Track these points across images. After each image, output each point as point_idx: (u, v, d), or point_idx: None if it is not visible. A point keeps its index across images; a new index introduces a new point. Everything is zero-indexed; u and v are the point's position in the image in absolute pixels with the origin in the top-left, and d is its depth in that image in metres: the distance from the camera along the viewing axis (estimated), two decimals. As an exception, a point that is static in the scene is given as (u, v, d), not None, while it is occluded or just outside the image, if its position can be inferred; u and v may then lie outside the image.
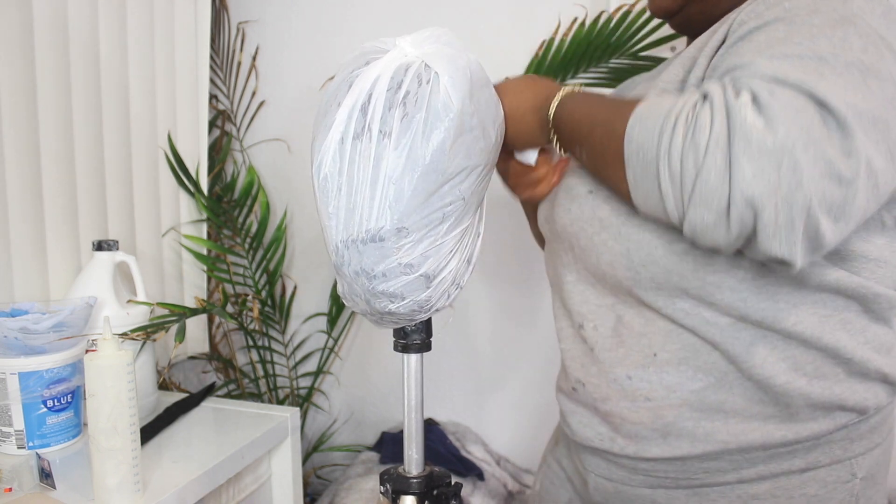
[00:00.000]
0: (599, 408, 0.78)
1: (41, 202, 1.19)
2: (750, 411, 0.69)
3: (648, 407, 0.73)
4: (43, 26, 1.17)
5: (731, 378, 0.69)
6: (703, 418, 0.70)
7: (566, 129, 0.71)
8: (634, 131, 0.59)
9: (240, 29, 1.72)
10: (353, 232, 0.64)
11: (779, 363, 0.67)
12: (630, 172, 0.60)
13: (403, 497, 0.73)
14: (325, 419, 1.85)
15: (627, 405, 0.74)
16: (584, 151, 0.68)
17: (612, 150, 0.62)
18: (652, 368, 0.72)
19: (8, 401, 0.98)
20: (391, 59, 0.64)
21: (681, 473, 0.74)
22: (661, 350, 0.72)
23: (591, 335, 0.78)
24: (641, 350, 0.73)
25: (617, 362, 0.75)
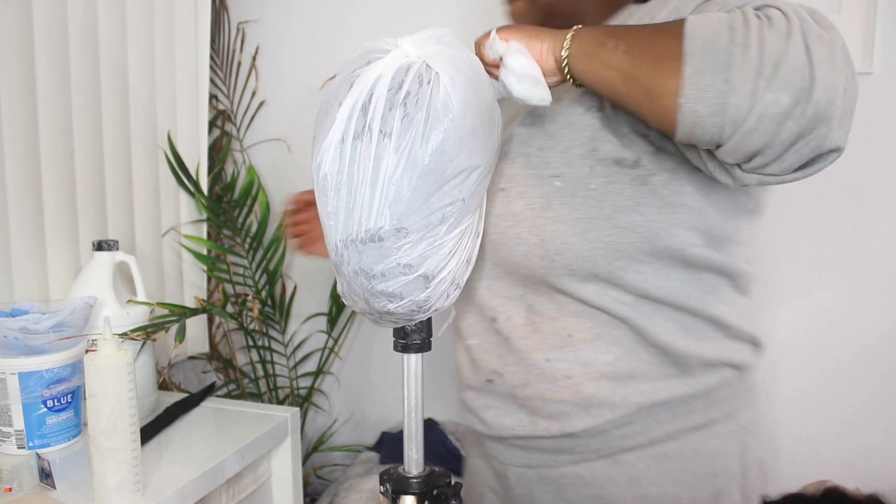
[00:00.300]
0: (518, 394, 0.83)
1: (41, 202, 1.19)
2: (655, 374, 0.79)
3: (568, 385, 0.80)
4: (42, 26, 1.17)
5: (638, 347, 0.79)
6: (618, 386, 0.79)
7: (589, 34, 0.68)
8: (697, 29, 0.60)
9: (240, 29, 1.72)
10: (352, 231, 0.64)
11: (675, 331, 0.78)
12: (689, 64, 0.59)
13: (403, 497, 0.73)
14: (325, 419, 1.85)
15: (548, 386, 0.81)
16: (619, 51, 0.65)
17: (664, 45, 0.62)
18: (569, 349, 0.79)
19: (8, 401, 0.98)
20: (392, 59, 0.64)
21: (601, 444, 0.81)
22: (576, 330, 0.79)
23: (504, 326, 0.83)
24: (556, 333, 0.80)
25: (534, 348, 0.81)
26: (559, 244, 0.76)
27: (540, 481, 0.86)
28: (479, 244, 0.74)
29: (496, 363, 0.85)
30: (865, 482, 1.40)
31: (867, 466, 1.40)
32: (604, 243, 0.75)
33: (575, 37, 0.69)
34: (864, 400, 1.37)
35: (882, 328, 1.35)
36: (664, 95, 0.62)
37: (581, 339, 0.79)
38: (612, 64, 0.66)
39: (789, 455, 1.43)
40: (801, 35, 0.57)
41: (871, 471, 1.40)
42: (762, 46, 0.57)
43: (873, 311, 1.36)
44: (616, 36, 0.67)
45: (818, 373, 1.39)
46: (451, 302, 0.72)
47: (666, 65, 0.61)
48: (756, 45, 0.57)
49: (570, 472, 0.83)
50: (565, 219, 0.76)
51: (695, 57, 0.59)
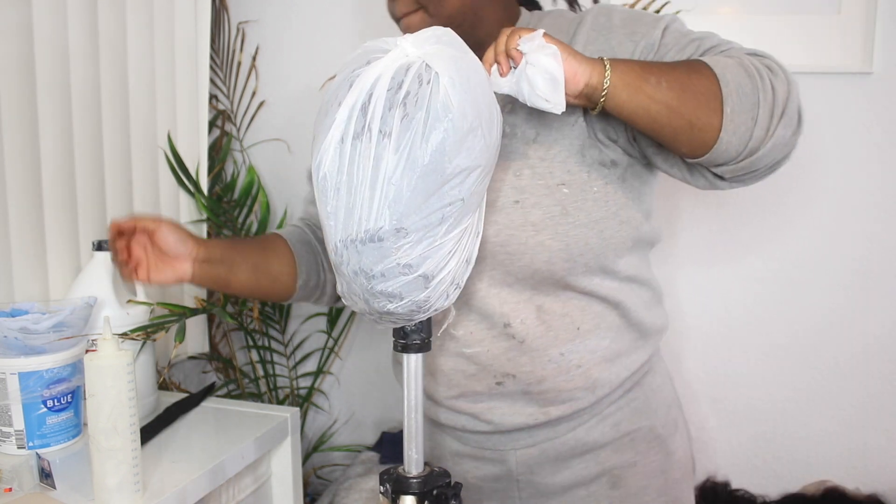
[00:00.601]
0: (532, 390, 0.90)
1: (41, 202, 1.19)
2: (631, 347, 0.93)
3: (580, 372, 0.90)
4: (42, 26, 1.17)
5: (623, 329, 0.92)
6: (612, 365, 0.91)
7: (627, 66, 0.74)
8: (727, 75, 0.73)
9: (240, 29, 1.72)
10: (351, 232, 0.64)
11: (641, 305, 0.93)
12: (728, 106, 0.73)
13: (403, 497, 0.73)
14: (325, 419, 1.85)
15: (563, 377, 0.90)
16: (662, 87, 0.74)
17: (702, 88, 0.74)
18: (578, 340, 0.89)
19: (8, 401, 0.98)
20: (392, 58, 0.64)
21: (594, 409, 0.93)
22: (582, 323, 0.89)
23: (519, 330, 0.89)
24: (566, 328, 0.89)
25: (549, 345, 0.89)
26: (582, 246, 0.85)
27: (540, 454, 0.95)
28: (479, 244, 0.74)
29: (507, 366, 0.90)
30: (865, 482, 1.40)
31: (867, 466, 1.40)
32: (614, 239, 0.87)
33: (614, 68, 0.73)
34: (864, 400, 1.37)
35: (882, 328, 1.36)
36: (707, 130, 0.74)
37: (587, 330, 0.89)
38: (658, 98, 0.73)
39: (789, 455, 1.43)
40: (793, 84, 0.75)
41: (871, 471, 1.40)
42: (775, 92, 0.73)
43: (873, 311, 1.36)
44: (652, 71, 0.74)
45: (818, 373, 1.39)
46: (450, 302, 0.72)
47: (709, 103, 0.73)
48: (771, 90, 0.73)
49: (570, 438, 0.94)
50: (584, 222, 0.84)
51: (732, 99, 0.72)
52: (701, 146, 0.75)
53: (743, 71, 0.73)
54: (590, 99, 0.74)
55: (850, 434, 1.39)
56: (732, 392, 1.44)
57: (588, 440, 0.94)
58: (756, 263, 1.40)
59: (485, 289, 0.88)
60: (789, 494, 1.42)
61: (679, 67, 0.76)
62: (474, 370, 0.91)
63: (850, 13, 1.27)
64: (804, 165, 1.31)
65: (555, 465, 0.95)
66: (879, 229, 1.33)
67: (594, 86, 0.72)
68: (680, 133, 0.75)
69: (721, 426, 1.46)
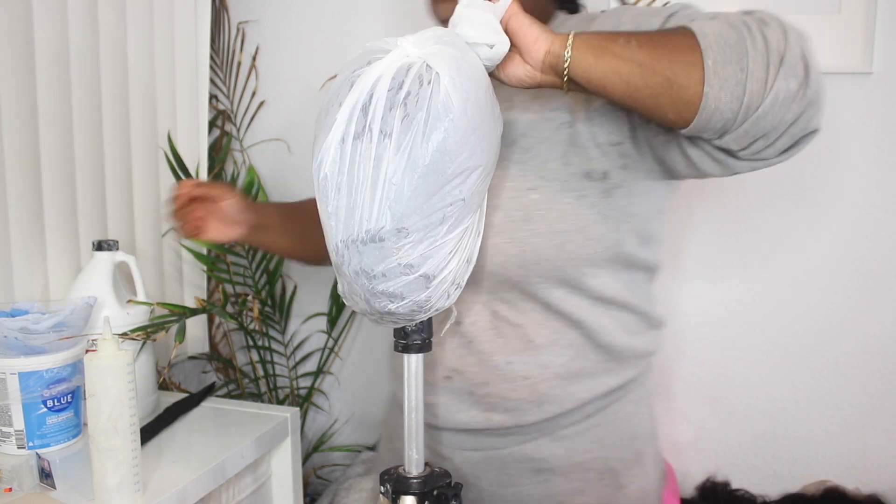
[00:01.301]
0: (477, 392, 0.89)
1: (41, 202, 1.19)
2: (597, 370, 0.89)
3: (526, 384, 0.87)
4: (42, 25, 1.17)
5: (587, 349, 0.88)
6: (567, 384, 0.88)
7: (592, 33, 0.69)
8: (705, 29, 0.66)
9: (240, 29, 1.72)
10: (352, 232, 0.64)
11: (617, 328, 0.88)
12: (710, 57, 0.65)
13: (403, 497, 0.73)
14: (325, 419, 1.85)
15: (507, 386, 0.88)
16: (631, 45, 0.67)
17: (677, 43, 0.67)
18: (528, 353, 0.87)
19: (8, 401, 0.98)
20: (393, 59, 0.64)
21: (546, 426, 0.90)
22: (536, 336, 0.87)
23: (469, 329, 0.88)
24: (518, 339, 0.87)
25: (496, 351, 0.87)
26: (537, 256, 0.82)
27: (485, 461, 0.93)
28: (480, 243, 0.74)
29: (456, 362, 0.90)
30: (865, 482, 1.40)
31: (867, 466, 1.40)
32: (576, 254, 0.83)
33: (578, 35, 0.68)
34: (864, 400, 1.37)
35: (882, 328, 1.36)
36: (688, 86, 0.66)
37: (540, 345, 0.87)
38: (628, 57, 0.67)
39: (789, 455, 1.43)
40: (791, 32, 0.66)
41: (871, 471, 1.40)
42: (767, 40, 0.65)
43: (873, 311, 1.36)
44: (623, 35, 0.69)
45: (818, 373, 1.39)
46: (451, 302, 0.72)
47: (686, 57, 0.66)
48: (762, 39, 0.65)
49: (517, 452, 0.91)
50: (543, 232, 0.82)
51: (713, 49, 0.64)
52: (686, 106, 0.66)
53: (726, 25, 0.66)
54: (555, 70, 0.69)
55: (850, 434, 1.39)
56: (732, 392, 1.44)
57: (536, 457, 0.91)
58: (755, 263, 1.40)
59: None
60: (789, 494, 1.42)
61: (650, 31, 0.70)
62: (429, 360, 0.91)
63: (850, 13, 1.27)
64: (803, 165, 1.31)
65: (500, 477, 0.93)
66: (879, 229, 1.33)
67: (556, 53, 0.68)
68: (660, 94, 0.67)
69: (721, 426, 1.46)
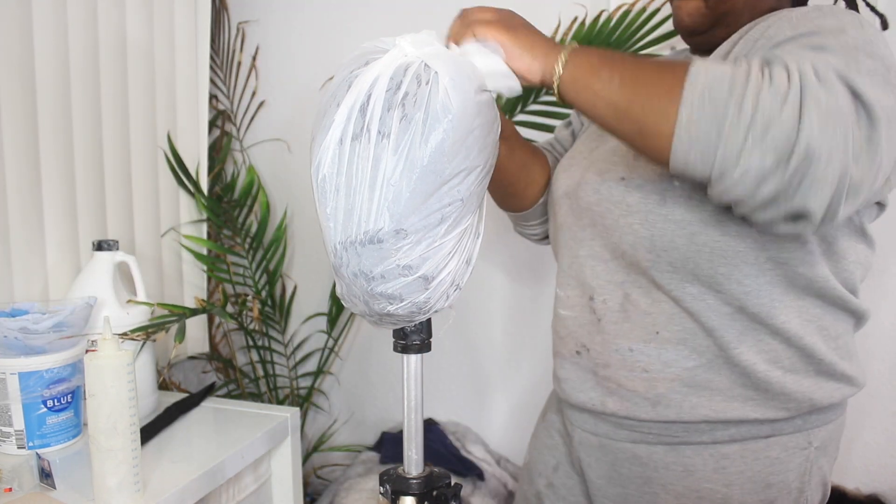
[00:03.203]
0: (599, 372, 0.86)
1: (41, 202, 1.19)
2: (732, 392, 0.79)
3: (644, 378, 0.82)
4: (42, 26, 1.17)
5: (720, 362, 0.79)
6: (692, 393, 0.80)
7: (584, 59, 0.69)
8: (700, 76, 0.61)
9: (240, 29, 1.72)
10: (351, 233, 0.64)
11: (760, 354, 0.78)
12: (685, 111, 0.61)
13: (403, 498, 0.73)
14: (325, 419, 1.85)
15: (625, 373, 0.83)
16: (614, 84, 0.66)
17: (662, 87, 0.63)
18: (653, 344, 0.81)
19: (8, 401, 0.98)
20: (390, 59, 0.64)
21: (663, 431, 0.83)
22: (664, 329, 0.81)
23: (599, 307, 0.85)
24: (645, 327, 0.82)
25: (622, 335, 0.83)
26: (666, 242, 0.77)
27: (600, 449, 0.90)
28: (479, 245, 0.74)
29: (586, 338, 0.88)
30: (865, 482, 1.40)
31: (867, 466, 1.40)
32: (709, 248, 0.76)
33: (569, 61, 0.69)
34: (865, 400, 1.37)
35: (882, 328, 1.35)
36: (658, 136, 0.63)
37: (665, 339, 0.81)
38: (605, 96, 0.66)
39: (789, 455, 1.43)
40: (798, 99, 0.58)
41: (871, 471, 1.40)
42: (758, 104, 0.59)
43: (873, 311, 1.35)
44: (612, 66, 0.67)
45: (818, 373, 1.39)
46: (450, 303, 0.72)
47: (663, 104, 0.63)
48: (752, 101, 0.59)
49: (628, 449, 0.86)
50: (677, 219, 0.77)
51: (692, 104, 0.61)
52: (658, 155, 0.65)
53: (727, 76, 0.61)
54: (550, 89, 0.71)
55: (850, 434, 1.39)
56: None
57: (647, 463, 0.85)
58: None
59: (584, 257, 0.87)
60: (789, 494, 1.42)
61: (647, 63, 0.68)
62: (564, 333, 0.91)
63: (851, 13, 1.27)
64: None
65: (609, 472, 0.89)
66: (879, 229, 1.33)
67: (547, 83, 0.70)
68: (632, 139, 0.67)
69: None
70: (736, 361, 0.78)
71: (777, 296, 0.77)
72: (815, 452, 0.83)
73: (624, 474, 0.88)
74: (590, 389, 0.88)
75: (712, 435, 0.81)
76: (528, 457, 1.07)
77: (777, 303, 0.77)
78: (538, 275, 1.59)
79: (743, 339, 0.78)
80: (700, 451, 0.82)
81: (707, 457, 0.82)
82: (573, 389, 0.90)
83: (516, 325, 1.64)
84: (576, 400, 0.90)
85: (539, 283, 1.59)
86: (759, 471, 0.81)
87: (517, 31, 0.71)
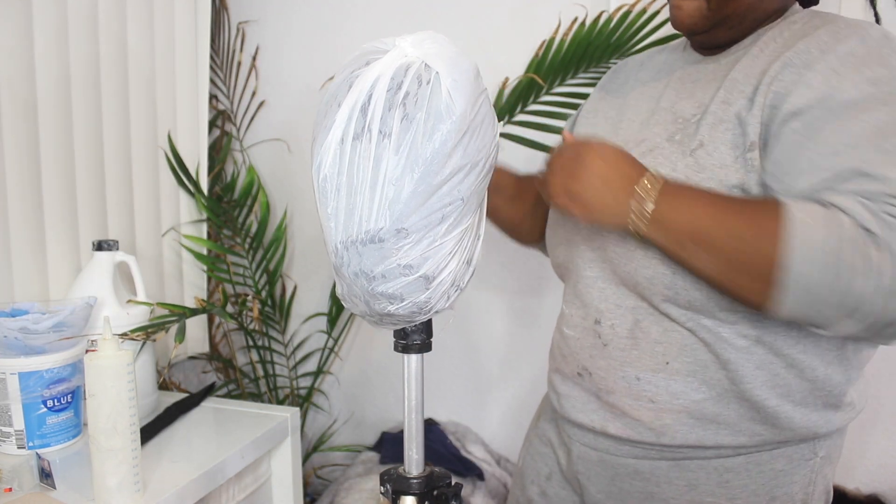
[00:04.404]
0: (602, 397, 0.84)
1: (41, 202, 1.19)
2: (740, 426, 0.79)
3: (651, 408, 0.80)
4: (42, 26, 1.17)
5: (730, 396, 0.78)
6: (698, 426, 0.79)
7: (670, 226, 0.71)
8: (795, 262, 0.64)
9: (240, 29, 1.72)
10: (352, 233, 0.64)
11: (774, 389, 0.77)
12: (791, 297, 0.65)
13: (403, 497, 0.73)
14: (325, 419, 1.85)
15: (630, 401, 0.81)
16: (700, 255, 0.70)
17: (753, 267, 0.67)
18: (662, 374, 0.79)
19: (8, 401, 0.98)
20: (391, 59, 0.64)
21: (666, 450, 0.82)
22: (674, 360, 0.79)
23: (607, 332, 0.83)
24: (655, 357, 0.80)
25: (629, 362, 0.81)
26: (689, 283, 0.76)
27: (599, 463, 0.88)
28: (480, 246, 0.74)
29: (588, 361, 0.86)
30: (865, 482, 1.40)
31: (867, 466, 1.40)
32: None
33: (652, 225, 0.71)
34: (864, 400, 1.37)
35: (882, 328, 1.35)
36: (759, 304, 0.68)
37: (675, 370, 0.79)
38: (697, 268, 0.71)
39: (789, 455, 1.42)
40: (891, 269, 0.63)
41: (871, 471, 1.40)
42: (851, 290, 0.63)
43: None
44: (696, 238, 0.69)
45: (818, 373, 1.39)
46: (451, 303, 0.72)
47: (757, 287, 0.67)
48: (847, 290, 0.63)
49: (630, 465, 0.85)
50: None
51: (794, 291, 0.64)
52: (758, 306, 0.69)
53: (833, 261, 0.63)
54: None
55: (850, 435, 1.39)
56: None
57: (650, 478, 0.84)
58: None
59: (592, 277, 0.85)
60: (789, 494, 1.42)
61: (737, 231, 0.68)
62: (566, 352, 0.89)
63: (850, 13, 1.27)
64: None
65: (609, 487, 0.88)
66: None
67: (631, 233, 0.73)
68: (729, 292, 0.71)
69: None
70: (747, 396, 0.77)
71: (795, 327, 0.76)
72: (820, 462, 0.82)
73: (624, 489, 0.86)
74: (591, 412, 0.86)
75: (717, 451, 0.81)
76: (521, 461, 1.06)
77: (794, 332, 0.76)
78: (538, 275, 1.59)
79: (758, 372, 0.77)
80: (704, 465, 0.81)
81: (711, 470, 0.81)
82: (573, 409, 0.88)
83: (516, 325, 1.64)
84: (576, 419, 0.88)
85: (539, 283, 1.59)
86: (764, 483, 0.81)
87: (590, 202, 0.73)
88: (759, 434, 0.79)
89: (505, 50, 1.50)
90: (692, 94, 0.82)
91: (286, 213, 1.72)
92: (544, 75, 1.44)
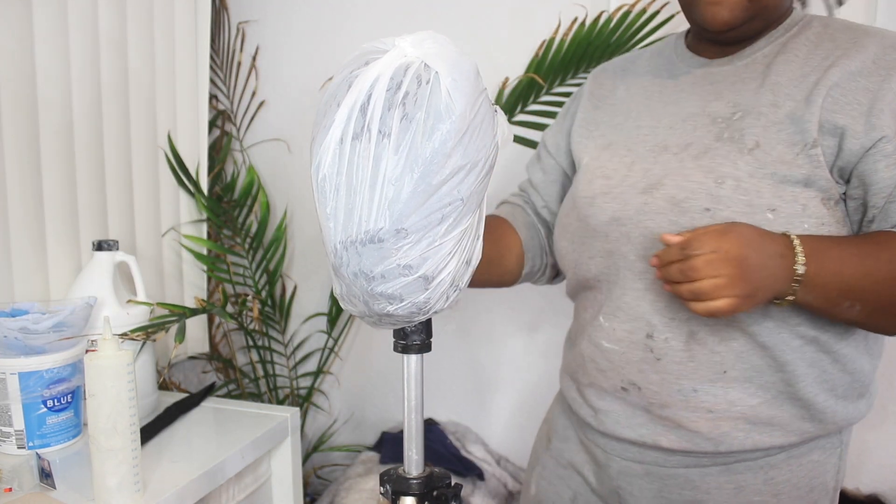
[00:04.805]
0: (654, 412, 0.84)
1: (41, 202, 1.19)
2: (791, 426, 0.81)
3: (709, 418, 0.81)
4: (43, 26, 1.17)
5: (784, 398, 0.80)
6: (754, 431, 0.81)
7: (820, 282, 0.73)
8: None
9: (240, 29, 1.72)
10: (351, 233, 0.64)
11: (822, 384, 0.80)
12: None
13: (403, 498, 0.73)
14: (325, 419, 1.85)
15: (687, 414, 0.82)
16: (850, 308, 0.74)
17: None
18: (720, 384, 0.80)
19: (8, 401, 0.98)
20: (391, 59, 0.64)
21: (719, 456, 0.83)
22: (732, 368, 0.80)
23: (661, 346, 0.82)
24: (712, 367, 0.80)
25: (685, 375, 0.81)
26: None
27: (645, 476, 0.88)
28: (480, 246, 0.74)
29: (636, 376, 0.84)
30: (865, 482, 1.40)
31: (867, 466, 1.40)
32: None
33: (799, 295, 0.73)
34: (864, 400, 1.37)
35: (882, 328, 1.35)
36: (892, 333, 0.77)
37: (733, 378, 0.80)
38: (843, 318, 0.75)
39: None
40: None
41: (871, 471, 1.40)
42: None
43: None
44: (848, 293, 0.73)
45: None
46: (451, 304, 0.72)
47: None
48: None
49: (681, 474, 0.86)
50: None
51: None
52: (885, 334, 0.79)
53: None
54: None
55: (850, 434, 1.39)
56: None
57: (700, 486, 0.85)
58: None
59: (641, 290, 0.83)
60: (789, 494, 1.42)
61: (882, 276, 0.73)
62: (605, 366, 0.87)
63: (850, 13, 1.27)
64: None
65: (656, 498, 0.88)
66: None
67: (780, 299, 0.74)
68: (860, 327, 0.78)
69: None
70: (800, 395, 0.80)
71: (840, 325, 0.80)
72: (843, 450, 0.88)
73: (673, 499, 0.86)
74: (640, 426, 0.85)
75: (766, 451, 0.83)
76: (536, 488, 1.02)
77: (840, 328, 0.80)
78: (538, 275, 1.58)
79: (810, 370, 0.80)
80: (751, 466, 0.84)
81: (757, 470, 0.83)
82: (617, 424, 0.87)
83: (517, 325, 1.64)
84: (620, 434, 0.87)
85: (539, 283, 1.59)
86: (804, 476, 0.84)
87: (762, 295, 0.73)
88: (807, 432, 0.82)
89: (505, 50, 1.50)
90: (720, 94, 0.83)
91: (286, 213, 1.72)
92: (544, 75, 1.44)
